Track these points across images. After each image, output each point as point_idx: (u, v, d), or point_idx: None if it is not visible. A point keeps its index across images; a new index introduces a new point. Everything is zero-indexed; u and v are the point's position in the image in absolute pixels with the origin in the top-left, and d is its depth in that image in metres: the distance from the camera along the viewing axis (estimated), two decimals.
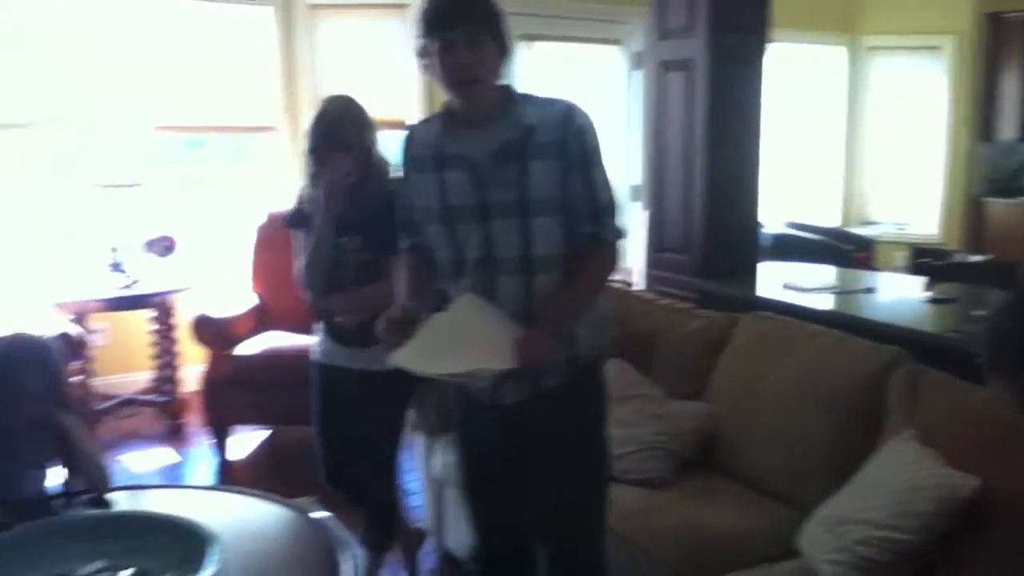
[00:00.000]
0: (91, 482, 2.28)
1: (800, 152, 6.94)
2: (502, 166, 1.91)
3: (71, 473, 2.33)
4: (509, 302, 1.94)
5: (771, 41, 3.47)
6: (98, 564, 1.90)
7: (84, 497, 2.27)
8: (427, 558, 3.33)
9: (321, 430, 2.80)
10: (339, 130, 2.53)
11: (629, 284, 5.24)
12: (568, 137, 1.91)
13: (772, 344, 2.74)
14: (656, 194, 3.69)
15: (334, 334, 2.70)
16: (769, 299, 3.36)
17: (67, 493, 2.30)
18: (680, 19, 3.41)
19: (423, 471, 3.31)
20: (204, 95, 4.80)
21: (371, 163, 2.59)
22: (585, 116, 1.96)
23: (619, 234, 2.02)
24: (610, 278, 2.12)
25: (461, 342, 1.91)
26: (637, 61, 5.61)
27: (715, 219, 3.48)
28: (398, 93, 5.00)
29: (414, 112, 4.97)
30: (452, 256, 2.00)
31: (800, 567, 2.15)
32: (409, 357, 1.91)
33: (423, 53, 1.91)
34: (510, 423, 2.04)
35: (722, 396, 2.78)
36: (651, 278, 3.93)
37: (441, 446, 3.08)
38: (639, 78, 5.60)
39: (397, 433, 2.79)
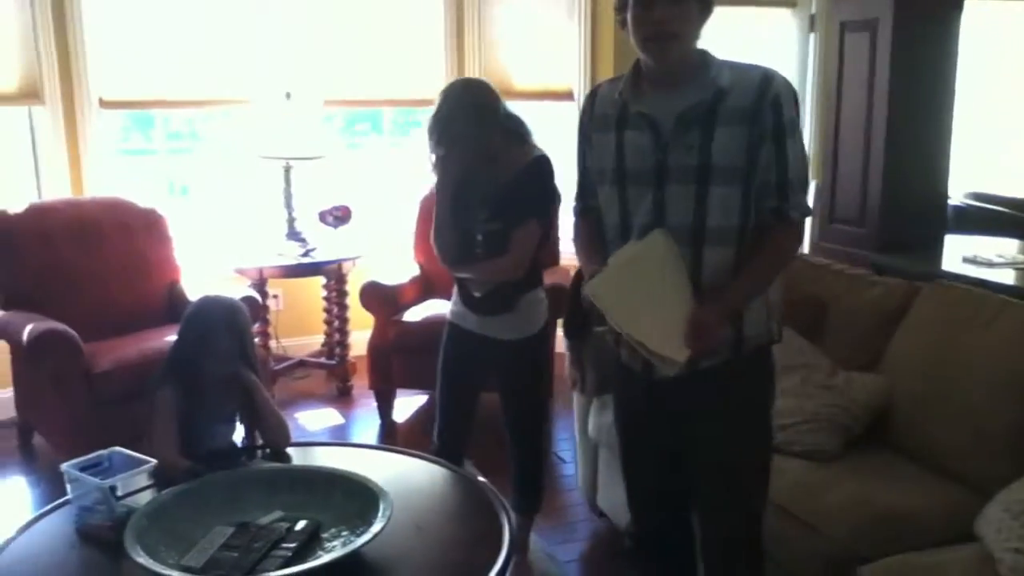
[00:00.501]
0: (272, 437, 2.42)
1: (983, 117, 6.41)
2: (687, 129, 1.84)
3: (254, 428, 2.48)
4: None
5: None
6: (277, 514, 2.02)
7: (266, 451, 2.42)
8: (582, 526, 3.35)
9: (443, 387, 2.88)
10: (452, 127, 2.54)
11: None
12: (763, 104, 1.81)
13: (958, 316, 2.56)
14: (829, 163, 3.51)
15: (465, 299, 2.76)
16: (951, 272, 3.15)
17: (251, 447, 2.45)
18: None
19: (577, 431, 3.32)
20: (374, 69, 4.93)
21: (497, 141, 2.59)
22: (785, 85, 1.86)
23: (805, 211, 1.92)
24: (791, 259, 2.02)
25: (648, 299, 1.86)
26: (812, 24, 5.34)
27: (895, 189, 3.28)
28: (564, 64, 4.97)
29: (580, 83, 4.93)
30: (619, 220, 1.95)
31: (979, 553, 2.00)
32: (603, 293, 1.88)
33: (620, 7, 1.86)
34: (664, 398, 1.99)
35: (899, 369, 2.62)
36: (821, 251, 3.74)
37: (597, 406, 3.08)
38: (814, 42, 5.35)
39: (531, 399, 2.85)
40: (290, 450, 2.43)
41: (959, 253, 3.35)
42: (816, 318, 2.86)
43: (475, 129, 2.54)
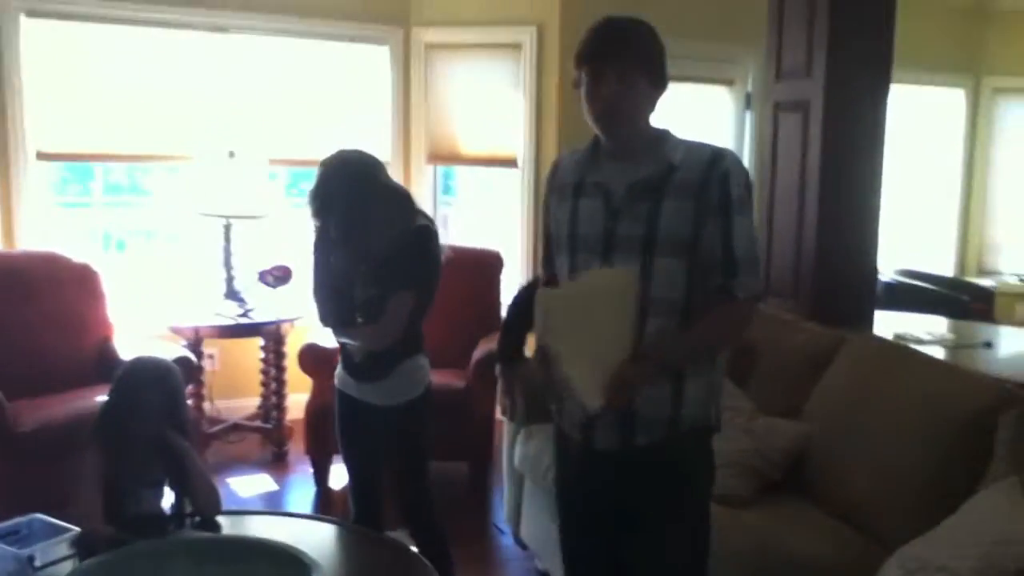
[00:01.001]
0: (202, 504, 2.35)
1: (912, 197, 6.68)
2: (636, 200, 1.87)
3: (183, 494, 2.41)
4: None
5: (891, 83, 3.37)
6: None
7: (195, 519, 2.34)
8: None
9: (343, 454, 2.88)
10: (327, 199, 2.61)
11: None
12: (710, 180, 1.84)
13: (879, 368, 2.61)
14: (764, 237, 3.60)
15: (346, 365, 2.80)
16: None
17: (179, 514, 2.37)
18: (797, 59, 3.34)
19: (505, 460, 3.29)
20: (320, 129, 4.96)
21: (376, 211, 2.62)
22: (736, 163, 1.89)
23: (754, 291, 1.90)
24: (735, 338, 2.02)
25: (589, 335, 1.86)
26: (748, 102, 5.53)
27: (828, 265, 3.36)
28: (510, 132, 5.06)
29: (524, 150, 5.02)
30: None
31: None
32: (553, 309, 1.91)
33: (576, 84, 1.91)
34: (600, 474, 1.99)
35: (820, 417, 2.66)
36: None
37: (524, 437, 3.07)
38: (750, 120, 5.54)
39: (409, 466, 2.82)
40: (221, 518, 2.36)
41: (890, 329, 3.45)
42: (744, 362, 2.89)
43: (350, 200, 2.58)
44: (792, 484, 2.61)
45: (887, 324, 3.56)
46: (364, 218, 2.61)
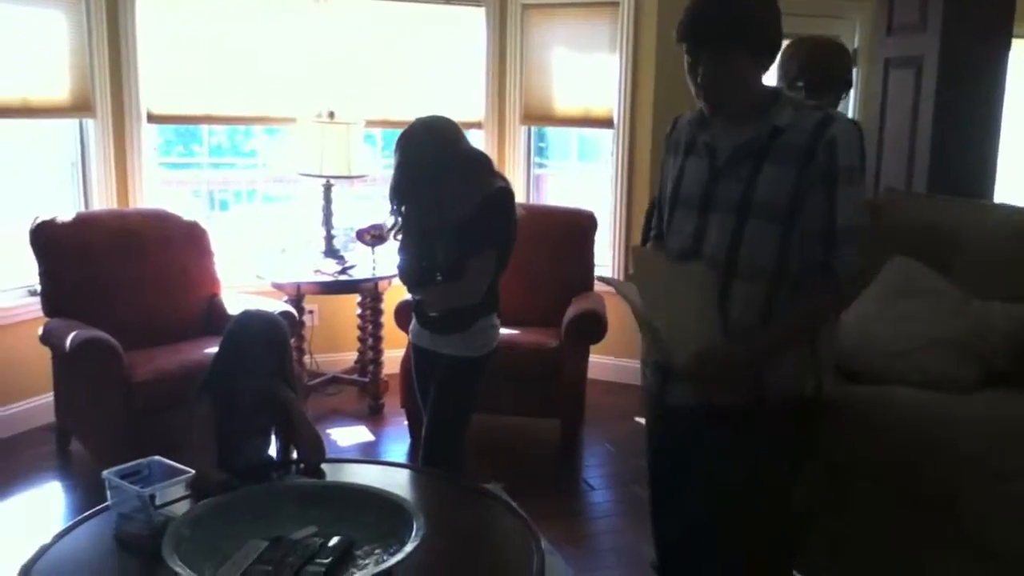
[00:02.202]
0: (307, 453, 2.44)
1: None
2: (739, 162, 1.85)
3: (288, 442, 2.50)
4: None
5: (1012, 38, 3.19)
6: (310, 529, 2.04)
7: (300, 466, 2.44)
8: (607, 555, 3.34)
9: (421, 405, 3.03)
10: (409, 192, 2.77)
11: None
12: (817, 146, 1.78)
13: None
14: (870, 199, 3.49)
15: (421, 319, 2.93)
16: None
17: (285, 462, 2.47)
18: (911, 13, 3.19)
19: None
20: (416, 91, 5.00)
21: (459, 173, 2.74)
22: (847, 130, 1.82)
23: (852, 267, 1.83)
24: (828, 318, 1.96)
25: (675, 303, 1.88)
26: (855, 58, 5.33)
27: None
28: (606, 92, 5.01)
29: (619, 111, 4.96)
30: (668, 243, 2.00)
31: None
32: (646, 266, 1.98)
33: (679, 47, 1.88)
34: (676, 426, 2.00)
35: None
36: None
37: None
38: (856, 77, 5.33)
39: (439, 412, 2.90)
40: (324, 466, 2.45)
41: None
42: (936, 249, 2.49)
43: (434, 172, 2.71)
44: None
45: None
46: (447, 187, 2.73)
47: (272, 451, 2.56)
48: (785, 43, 2.59)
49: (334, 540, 1.98)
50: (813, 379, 1.95)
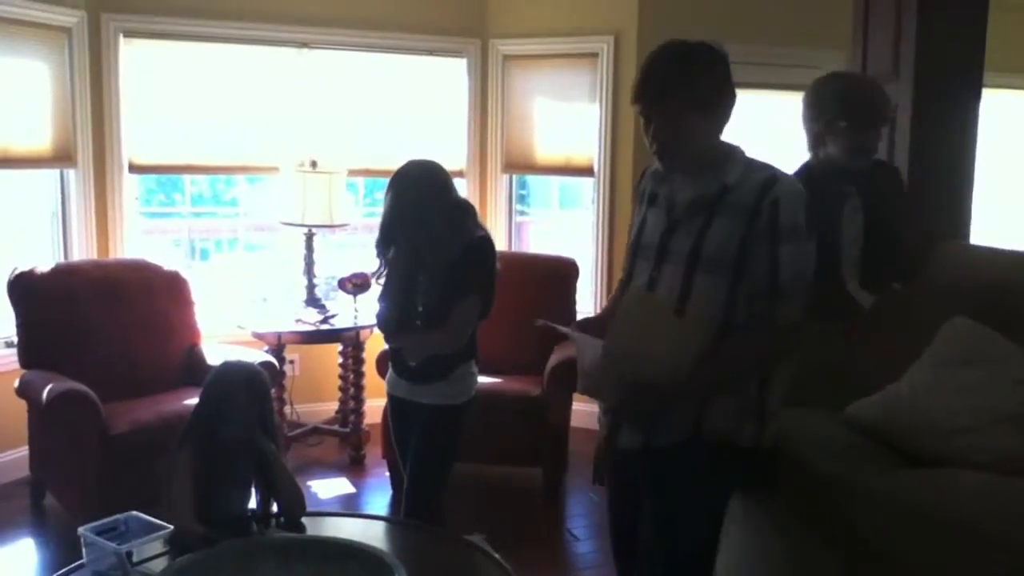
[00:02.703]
0: (288, 506, 2.40)
1: (1001, 204, 6.43)
2: (692, 215, 1.95)
3: (269, 495, 2.46)
4: None
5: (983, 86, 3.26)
6: None
7: (280, 519, 2.40)
8: None
9: (400, 458, 3.03)
10: (398, 234, 2.78)
11: None
12: (761, 206, 1.87)
13: None
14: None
15: (399, 369, 2.92)
16: None
17: (265, 514, 2.43)
18: (883, 62, 3.25)
19: None
20: (398, 139, 5.04)
21: (446, 220, 2.76)
22: (790, 191, 1.90)
23: (793, 319, 1.90)
24: (765, 366, 1.98)
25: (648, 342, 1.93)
26: None
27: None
28: (586, 141, 5.06)
29: (600, 160, 5.01)
30: (623, 287, 2.15)
31: None
32: (640, 306, 2.00)
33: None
34: (626, 469, 2.12)
35: None
36: None
37: None
38: None
39: (423, 462, 2.89)
40: (305, 520, 2.41)
41: None
42: (1000, 309, 2.27)
43: (422, 217, 2.74)
44: None
45: None
46: (434, 232, 2.75)
47: (252, 503, 2.52)
48: (821, 79, 2.68)
49: None
50: (753, 426, 1.99)
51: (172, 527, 2.11)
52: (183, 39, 4.66)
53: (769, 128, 5.26)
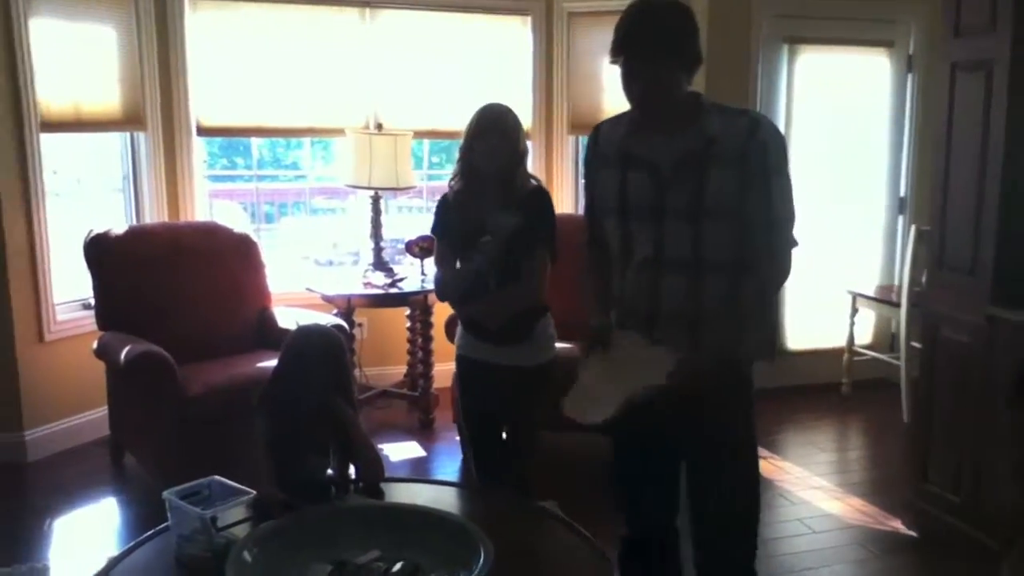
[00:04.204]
0: (366, 471, 2.39)
1: None
2: (682, 172, 1.99)
3: (347, 460, 2.46)
4: (673, 301, 2.03)
5: None
6: (374, 553, 1.98)
7: (358, 485, 2.39)
8: None
9: (469, 423, 3.03)
10: (502, 119, 2.77)
11: (895, 303, 4.88)
12: (750, 150, 1.96)
13: None
14: (939, 208, 3.37)
15: (478, 334, 2.86)
16: None
17: (343, 480, 2.42)
18: (979, 14, 3.08)
19: None
20: (460, 102, 4.96)
21: (518, 165, 2.81)
22: (770, 129, 2.02)
23: (792, 243, 2.07)
24: (781, 286, 2.17)
25: (619, 376, 2.02)
26: (910, 64, 5.21)
27: (1011, 241, 3.11)
28: None
29: None
30: (621, 249, 2.11)
31: None
32: (572, 406, 2.14)
33: (613, 62, 2.02)
34: (659, 415, 2.06)
35: None
36: (927, 298, 3.60)
37: None
38: (911, 83, 5.21)
39: (534, 422, 2.95)
40: (383, 486, 2.40)
41: None
42: None
43: (520, 134, 2.81)
44: None
45: None
46: (510, 185, 2.76)
47: (329, 469, 2.52)
48: None
49: (398, 565, 1.93)
50: (769, 342, 2.23)
51: (254, 492, 2.11)
52: (247, 0, 4.63)
53: (845, 87, 5.09)
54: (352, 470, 2.45)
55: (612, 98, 5.06)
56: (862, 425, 4.90)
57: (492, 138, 2.74)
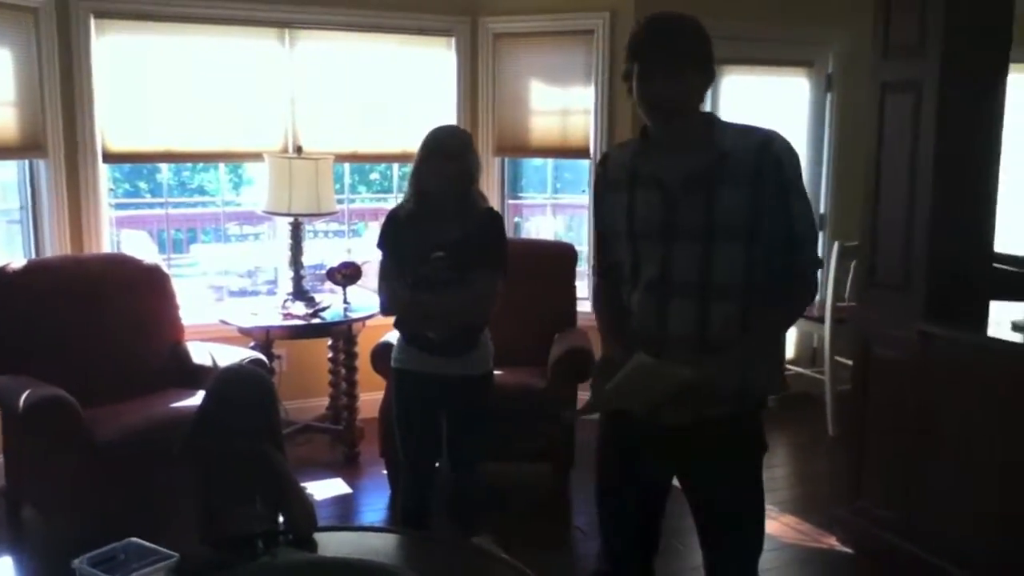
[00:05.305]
0: (298, 522, 2.23)
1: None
2: (691, 190, 1.94)
3: (277, 510, 2.29)
4: (680, 324, 1.96)
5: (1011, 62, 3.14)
6: None
7: (288, 536, 2.23)
8: None
9: (405, 439, 3.05)
10: (448, 141, 2.85)
11: (818, 319, 4.92)
12: (764, 166, 1.91)
13: None
14: (869, 225, 3.39)
15: (422, 346, 2.92)
16: (1000, 340, 3.00)
17: (273, 531, 2.25)
18: (908, 35, 3.11)
19: None
20: (383, 125, 4.83)
21: (470, 185, 2.87)
22: (785, 146, 1.96)
23: (816, 263, 2.03)
24: (804, 310, 2.12)
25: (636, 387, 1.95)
26: (830, 83, 5.31)
27: (942, 256, 3.14)
28: (580, 122, 4.89)
29: (595, 141, 4.84)
30: (631, 271, 2.06)
31: None
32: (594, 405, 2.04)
33: (626, 76, 1.97)
34: (664, 445, 2.04)
35: None
36: (857, 314, 3.61)
37: None
38: (831, 102, 5.30)
39: (481, 430, 3.07)
40: (316, 535, 2.25)
41: (1006, 319, 3.22)
42: None
43: (469, 152, 2.88)
44: None
45: (1002, 314, 3.32)
46: (466, 181, 2.85)
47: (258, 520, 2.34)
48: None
49: None
50: (781, 375, 2.22)
51: (176, 555, 1.92)
52: (157, 19, 4.40)
53: (760, 108, 5.15)
54: (281, 519, 2.28)
55: (540, 120, 5.01)
56: (788, 440, 4.91)
57: (437, 161, 2.80)
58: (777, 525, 3.73)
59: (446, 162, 2.79)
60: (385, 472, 4.10)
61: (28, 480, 3.61)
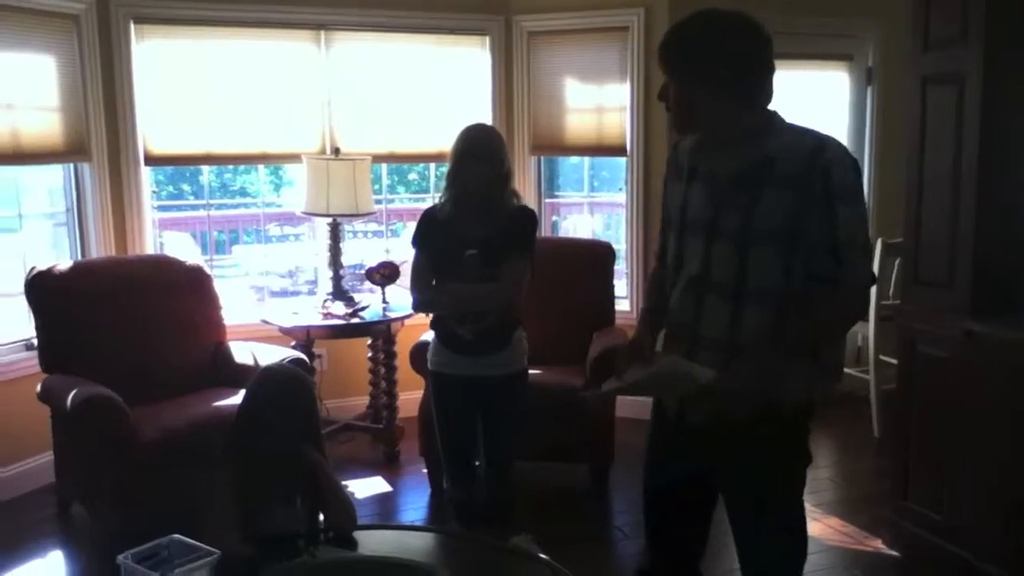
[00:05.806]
0: (337, 521, 2.25)
1: None
2: (737, 190, 1.91)
3: (316, 509, 2.31)
4: (713, 324, 1.94)
5: None
6: None
7: (329, 535, 2.24)
8: None
9: (446, 440, 3.07)
10: (480, 142, 2.87)
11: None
12: (813, 173, 1.84)
13: None
14: (912, 222, 3.33)
15: (454, 347, 2.94)
16: None
17: (313, 531, 2.27)
18: (949, 27, 3.05)
19: None
20: (419, 125, 4.85)
21: (504, 185, 2.90)
22: (839, 155, 1.87)
23: (865, 274, 1.91)
24: (849, 324, 2.01)
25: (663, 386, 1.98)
26: (870, 77, 5.22)
27: (987, 254, 3.07)
28: (616, 119, 4.87)
29: (632, 139, 4.82)
30: (675, 264, 2.05)
31: None
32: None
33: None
34: (693, 444, 2.03)
35: None
36: (902, 313, 3.55)
37: None
38: (872, 96, 5.22)
39: (517, 431, 3.05)
40: (356, 534, 2.26)
41: None
42: None
43: (502, 152, 2.90)
44: None
45: None
46: (501, 181, 2.88)
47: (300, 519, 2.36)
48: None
49: None
50: (824, 388, 2.04)
51: (217, 552, 1.94)
52: (195, 24, 4.47)
53: (799, 102, 5.07)
54: (322, 518, 2.30)
55: (575, 118, 4.99)
56: (832, 441, 4.84)
57: (472, 163, 2.83)
58: (822, 527, 3.68)
59: (481, 164, 2.83)
60: (425, 471, 4.11)
61: (76, 477, 3.68)
